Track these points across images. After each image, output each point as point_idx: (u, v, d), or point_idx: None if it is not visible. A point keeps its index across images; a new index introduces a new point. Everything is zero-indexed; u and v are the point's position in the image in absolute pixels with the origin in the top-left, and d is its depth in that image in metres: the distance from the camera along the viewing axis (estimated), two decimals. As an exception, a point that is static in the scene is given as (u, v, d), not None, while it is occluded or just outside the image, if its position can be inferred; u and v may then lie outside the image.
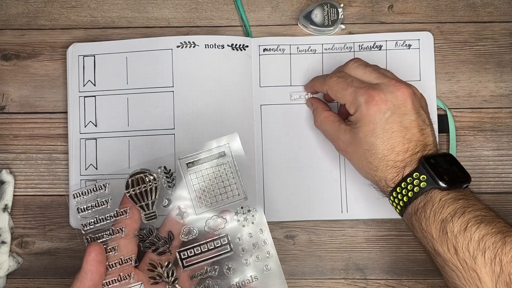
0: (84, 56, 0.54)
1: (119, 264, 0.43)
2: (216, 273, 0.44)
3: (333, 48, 0.54)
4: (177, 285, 0.43)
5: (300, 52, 0.54)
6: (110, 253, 0.43)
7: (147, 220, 0.44)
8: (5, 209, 0.52)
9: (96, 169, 0.53)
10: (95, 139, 0.53)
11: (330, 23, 0.53)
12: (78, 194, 0.44)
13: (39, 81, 0.55)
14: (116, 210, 0.43)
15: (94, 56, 0.54)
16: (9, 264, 0.52)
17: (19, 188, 0.54)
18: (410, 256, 0.53)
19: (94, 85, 0.53)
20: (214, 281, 0.44)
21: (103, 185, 0.44)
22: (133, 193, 0.43)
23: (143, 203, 0.44)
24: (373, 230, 0.53)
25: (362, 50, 0.54)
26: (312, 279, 0.53)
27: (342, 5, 0.54)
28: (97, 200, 0.44)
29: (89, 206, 0.44)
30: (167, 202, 0.44)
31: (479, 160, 0.53)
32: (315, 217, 0.53)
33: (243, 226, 0.44)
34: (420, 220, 0.43)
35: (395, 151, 0.44)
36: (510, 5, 0.54)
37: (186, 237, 0.44)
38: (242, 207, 0.44)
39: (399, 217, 0.52)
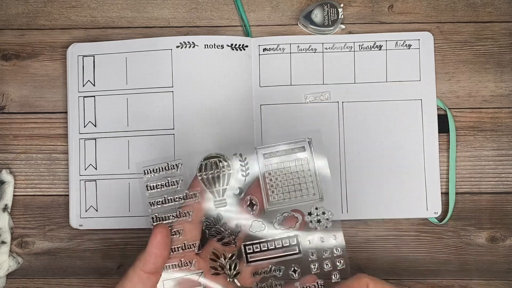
0: (84, 56, 0.54)
1: (182, 249, 0.41)
2: (281, 273, 0.41)
3: (334, 47, 0.54)
4: (237, 280, 0.41)
5: (300, 51, 0.54)
6: (174, 236, 0.41)
7: (216, 207, 0.41)
8: (5, 209, 0.52)
9: (96, 169, 0.53)
10: (95, 139, 0.53)
11: (330, 23, 0.53)
12: (149, 170, 0.42)
13: (39, 81, 0.55)
14: (186, 192, 0.41)
15: (94, 56, 0.54)
16: (9, 264, 0.52)
17: (19, 188, 0.54)
18: (410, 256, 0.53)
19: (94, 85, 0.54)
20: (277, 281, 0.41)
21: (176, 164, 0.42)
22: (205, 177, 0.41)
23: (214, 189, 0.41)
24: (373, 230, 0.53)
25: (362, 50, 0.54)
26: (312, 279, 0.53)
27: (342, 5, 0.54)
28: (168, 180, 0.42)
29: (158, 185, 0.42)
30: (238, 190, 0.42)
31: (479, 160, 0.53)
32: (315, 217, 0.53)
33: (316, 228, 0.41)
34: None
35: None
36: (510, 5, 0.54)
37: (253, 231, 0.41)
38: (316, 208, 0.41)
39: (399, 217, 0.52)
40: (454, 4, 0.55)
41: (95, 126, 0.53)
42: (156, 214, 0.41)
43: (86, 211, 0.53)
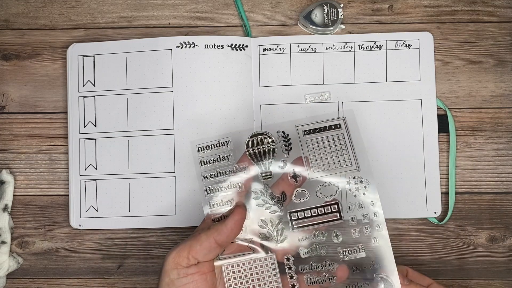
0: (84, 56, 0.54)
1: None
2: (324, 238, 0.45)
3: (334, 47, 0.54)
4: (283, 244, 0.45)
5: (300, 51, 0.54)
6: (225, 206, 0.45)
7: (263, 179, 0.45)
8: (5, 209, 0.52)
9: (96, 169, 0.53)
10: (95, 139, 0.53)
11: (330, 23, 0.53)
12: (202, 148, 0.46)
13: (39, 81, 0.55)
14: (235, 166, 0.45)
15: (94, 56, 0.54)
16: (9, 264, 0.52)
17: (19, 188, 0.54)
18: (410, 256, 0.53)
19: (94, 85, 0.54)
20: (321, 245, 0.45)
21: (226, 142, 0.46)
22: (252, 152, 0.45)
23: (261, 163, 0.45)
24: (373, 230, 0.53)
25: (362, 49, 0.54)
26: (312, 279, 0.53)
27: (342, 5, 0.54)
28: (219, 155, 0.46)
29: (210, 160, 0.46)
30: (282, 164, 0.45)
31: (479, 160, 0.53)
32: (315, 217, 0.53)
33: (355, 196, 0.45)
34: None
35: None
36: (510, 5, 0.54)
37: (298, 200, 0.45)
38: (354, 177, 0.45)
39: (399, 217, 0.52)
40: (454, 4, 0.55)
41: (95, 126, 0.53)
42: (210, 186, 0.45)
43: (86, 211, 0.53)
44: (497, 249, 0.53)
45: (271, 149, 0.45)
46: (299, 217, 0.45)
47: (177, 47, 0.53)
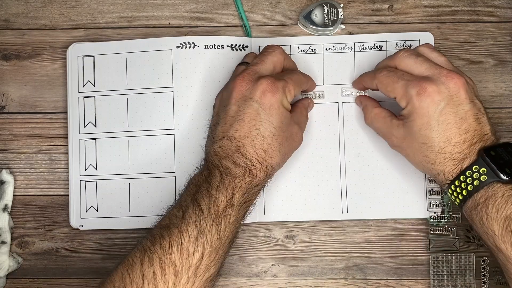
0: (84, 56, 0.54)
1: None
2: None
3: (334, 48, 0.54)
4: None
5: (300, 52, 0.54)
6: None
7: None
8: (5, 209, 0.52)
9: (96, 169, 0.53)
10: (95, 139, 0.53)
11: (330, 23, 0.53)
12: None
13: (39, 81, 0.55)
14: None
15: (94, 56, 0.54)
16: (9, 264, 0.52)
17: (19, 188, 0.54)
18: (410, 256, 0.53)
19: (94, 86, 0.54)
20: None
21: None
22: None
23: None
24: (373, 230, 0.53)
25: (362, 50, 0.54)
26: (312, 279, 0.53)
27: (342, 5, 0.54)
28: None
29: None
30: None
31: (479, 160, 0.53)
32: (315, 217, 0.53)
33: None
34: (481, 215, 0.42)
35: (452, 143, 0.43)
36: (510, 5, 0.54)
37: None
38: None
39: (399, 217, 0.52)
40: (454, 4, 0.55)
41: (95, 126, 0.53)
42: None
43: (86, 211, 0.53)
44: (497, 249, 0.53)
45: None
46: None
47: (177, 47, 0.53)
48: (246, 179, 0.44)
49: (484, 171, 0.42)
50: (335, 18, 0.53)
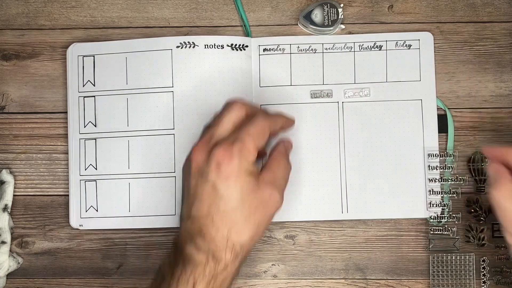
0: (84, 56, 0.54)
1: None
2: None
3: (334, 47, 0.54)
4: None
5: (300, 52, 0.54)
6: None
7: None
8: (5, 209, 0.52)
9: (96, 169, 0.53)
10: (95, 139, 0.53)
11: (330, 23, 0.53)
12: None
13: (39, 81, 0.55)
14: None
15: (94, 56, 0.54)
16: (9, 264, 0.52)
17: (19, 188, 0.54)
18: (410, 256, 0.53)
19: (94, 85, 0.54)
20: None
21: None
22: None
23: None
24: (373, 230, 0.53)
25: (362, 50, 0.54)
26: (312, 279, 0.53)
27: (342, 5, 0.54)
28: None
29: None
30: None
31: (479, 160, 0.53)
32: (315, 217, 0.53)
33: None
34: None
35: None
36: (510, 5, 0.54)
37: None
38: None
39: (399, 217, 0.52)
40: (454, 4, 0.55)
41: (95, 126, 0.53)
42: None
43: (86, 211, 0.53)
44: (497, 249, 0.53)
45: None
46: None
47: (177, 47, 0.53)
48: (210, 265, 0.40)
49: None
50: (335, 18, 0.53)
